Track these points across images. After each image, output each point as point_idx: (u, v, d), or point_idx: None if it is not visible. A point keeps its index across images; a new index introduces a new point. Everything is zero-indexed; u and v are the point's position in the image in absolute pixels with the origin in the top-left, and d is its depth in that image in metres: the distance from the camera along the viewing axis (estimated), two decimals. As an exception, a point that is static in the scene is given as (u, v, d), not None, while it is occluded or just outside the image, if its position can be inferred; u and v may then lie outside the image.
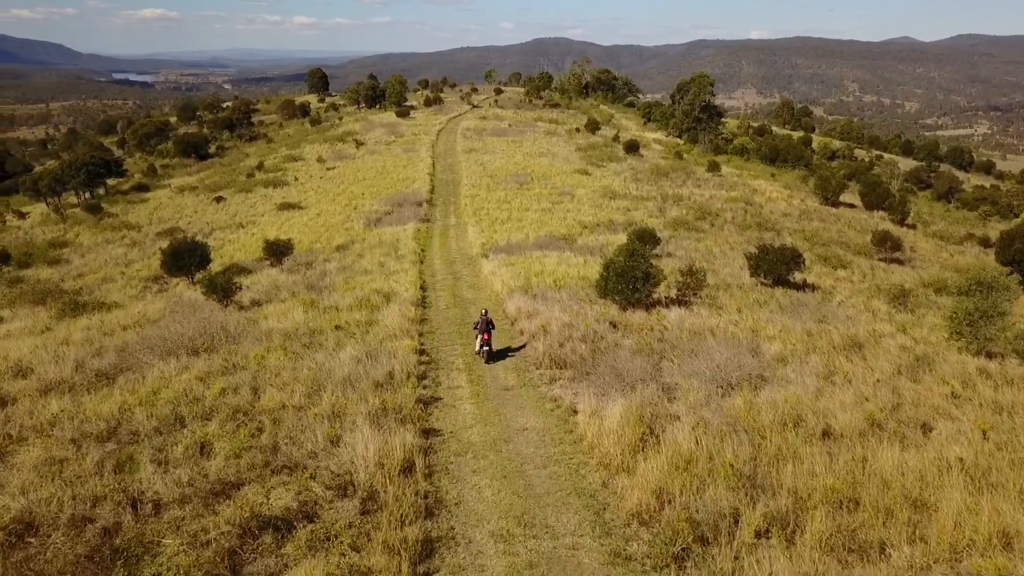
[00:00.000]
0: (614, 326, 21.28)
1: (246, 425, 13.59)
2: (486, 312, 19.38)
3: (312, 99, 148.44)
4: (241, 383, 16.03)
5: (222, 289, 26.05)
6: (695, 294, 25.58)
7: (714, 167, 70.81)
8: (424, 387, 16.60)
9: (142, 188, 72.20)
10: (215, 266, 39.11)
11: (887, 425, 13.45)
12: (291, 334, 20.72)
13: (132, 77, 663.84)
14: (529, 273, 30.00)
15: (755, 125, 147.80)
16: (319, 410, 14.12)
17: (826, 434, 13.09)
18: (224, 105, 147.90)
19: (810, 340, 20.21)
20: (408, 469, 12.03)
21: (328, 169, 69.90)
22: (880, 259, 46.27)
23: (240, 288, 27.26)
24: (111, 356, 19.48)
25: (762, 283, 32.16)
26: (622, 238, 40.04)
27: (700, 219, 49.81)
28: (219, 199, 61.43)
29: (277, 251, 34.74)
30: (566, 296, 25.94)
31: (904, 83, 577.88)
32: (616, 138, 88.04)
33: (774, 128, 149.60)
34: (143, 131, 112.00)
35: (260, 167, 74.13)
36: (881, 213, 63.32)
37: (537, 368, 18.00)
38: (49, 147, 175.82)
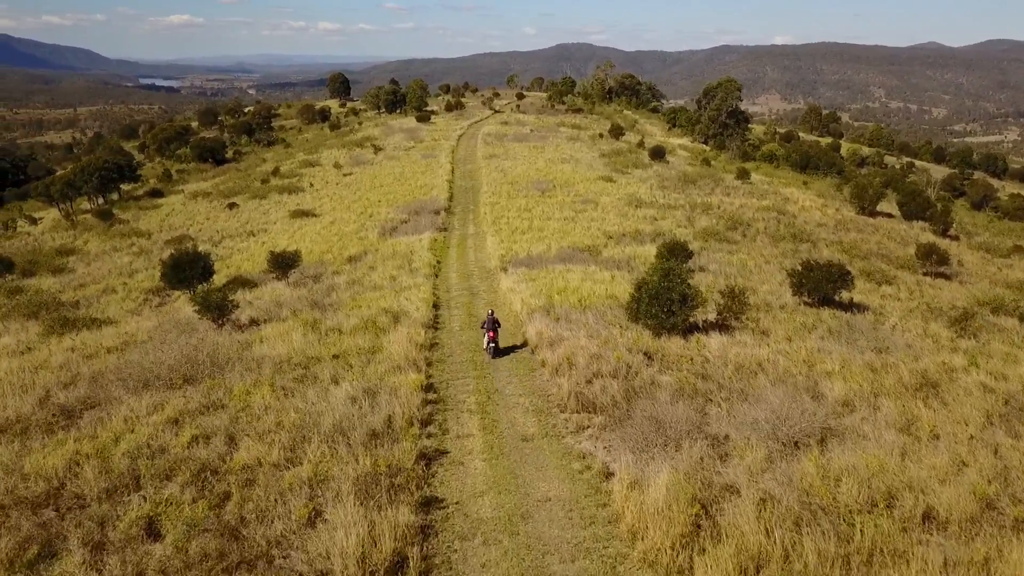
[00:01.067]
0: (648, 357, 18.72)
1: (211, 489, 11.25)
2: (492, 312, 21.27)
3: (333, 104, 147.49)
4: (217, 429, 13.71)
5: (217, 307, 23.88)
6: (737, 318, 22.94)
7: (743, 174, 67.83)
8: (428, 436, 14.08)
9: (156, 194, 70.79)
10: (220, 278, 37.13)
11: (1001, 505, 10.80)
12: (284, 363, 18.44)
13: (158, 82, 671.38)
14: (551, 290, 27.54)
15: (782, 131, 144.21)
16: (299, 472, 11.71)
17: (928, 518, 10.44)
18: (246, 109, 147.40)
19: (875, 378, 17.50)
20: (399, 566, 9.55)
21: (345, 175, 68.06)
22: (925, 273, 43.23)
23: (237, 306, 25.07)
24: (82, 387, 17.32)
25: (805, 303, 29.42)
26: (650, 250, 37.48)
27: (731, 229, 47.06)
28: (232, 205, 59.68)
29: (283, 263, 32.57)
30: (592, 318, 23.43)
31: (932, 89, 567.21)
32: (641, 144, 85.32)
33: (801, 134, 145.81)
34: (163, 135, 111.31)
35: (276, 172, 72.46)
36: (921, 224, 59.98)
37: (561, 411, 15.41)
38: (75, 151, 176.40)
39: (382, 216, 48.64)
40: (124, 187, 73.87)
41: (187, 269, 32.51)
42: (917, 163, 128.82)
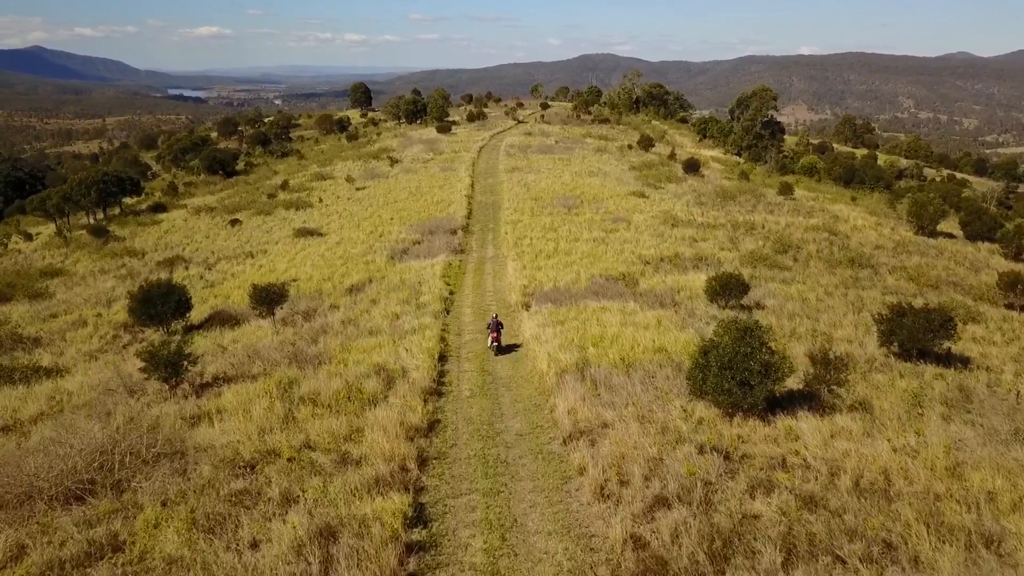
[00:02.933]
0: (727, 458, 13.52)
1: None
2: (496, 316, 23.22)
3: (354, 114, 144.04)
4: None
5: (168, 365, 19.07)
6: (831, 391, 17.61)
7: (787, 189, 62.28)
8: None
9: (159, 208, 66.77)
10: (204, 309, 32.69)
11: None
12: (229, 462, 13.52)
13: (186, 93, 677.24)
14: (584, 340, 22.45)
15: (815, 142, 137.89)
16: None
17: None
18: (265, 119, 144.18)
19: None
20: None
21: (357, 189, 63.72)
22: (1008, 306, 37.40)
23: (195, 362, 20.23)
24: (-53, 499, 12.54)
25: (894, 354, 24.02)
26: (695, 279, 32.34)
27: (780, 253, 41.76)
28: (235, 222, 55.44)
29: (267, 299, 27.75)
30: (640, 386, 18.30)
31: (962, 99, 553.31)
32: (672, 156, 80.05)
33: (835, 145, 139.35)
34: (178, 146, 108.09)
35: (285, 186, 68.22)
36: (988, 245, 53.81)
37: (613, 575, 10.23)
38: (100, 161, 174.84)
39: (393, 236, 44.06)
40: (127, 201, 70.06)
41: (159, 303, 28.01)
42: (957, 175, 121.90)
